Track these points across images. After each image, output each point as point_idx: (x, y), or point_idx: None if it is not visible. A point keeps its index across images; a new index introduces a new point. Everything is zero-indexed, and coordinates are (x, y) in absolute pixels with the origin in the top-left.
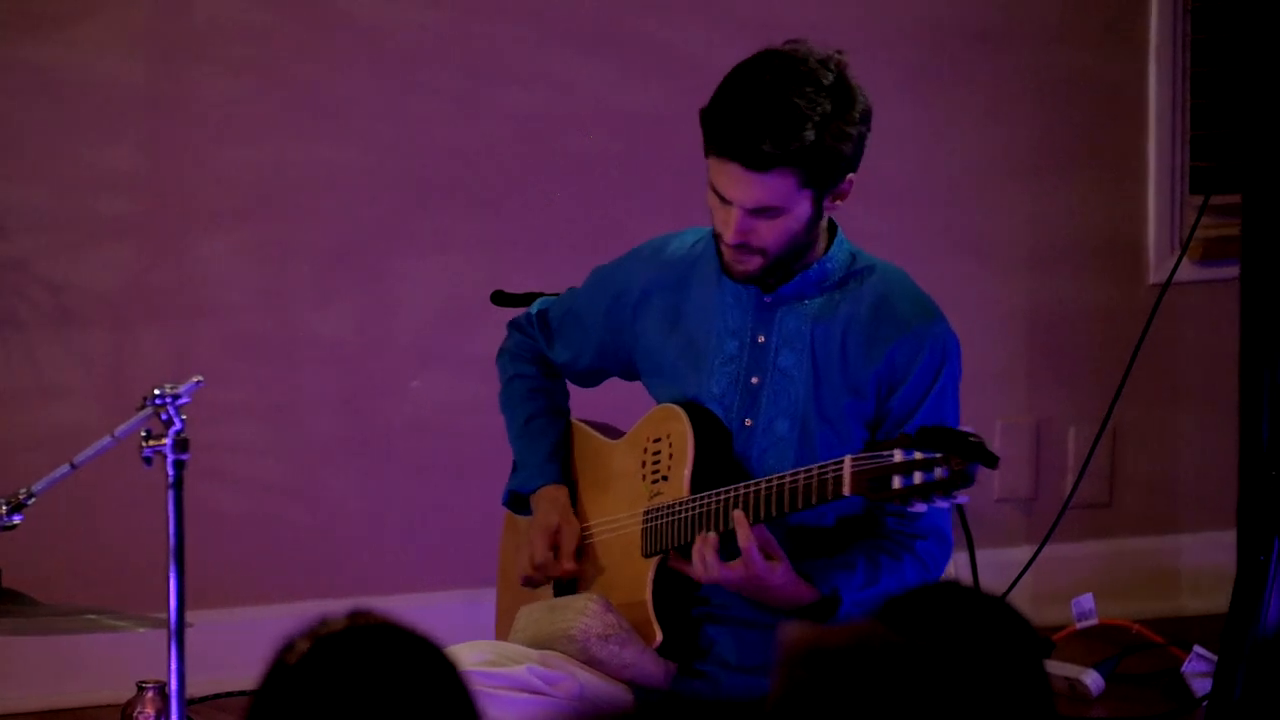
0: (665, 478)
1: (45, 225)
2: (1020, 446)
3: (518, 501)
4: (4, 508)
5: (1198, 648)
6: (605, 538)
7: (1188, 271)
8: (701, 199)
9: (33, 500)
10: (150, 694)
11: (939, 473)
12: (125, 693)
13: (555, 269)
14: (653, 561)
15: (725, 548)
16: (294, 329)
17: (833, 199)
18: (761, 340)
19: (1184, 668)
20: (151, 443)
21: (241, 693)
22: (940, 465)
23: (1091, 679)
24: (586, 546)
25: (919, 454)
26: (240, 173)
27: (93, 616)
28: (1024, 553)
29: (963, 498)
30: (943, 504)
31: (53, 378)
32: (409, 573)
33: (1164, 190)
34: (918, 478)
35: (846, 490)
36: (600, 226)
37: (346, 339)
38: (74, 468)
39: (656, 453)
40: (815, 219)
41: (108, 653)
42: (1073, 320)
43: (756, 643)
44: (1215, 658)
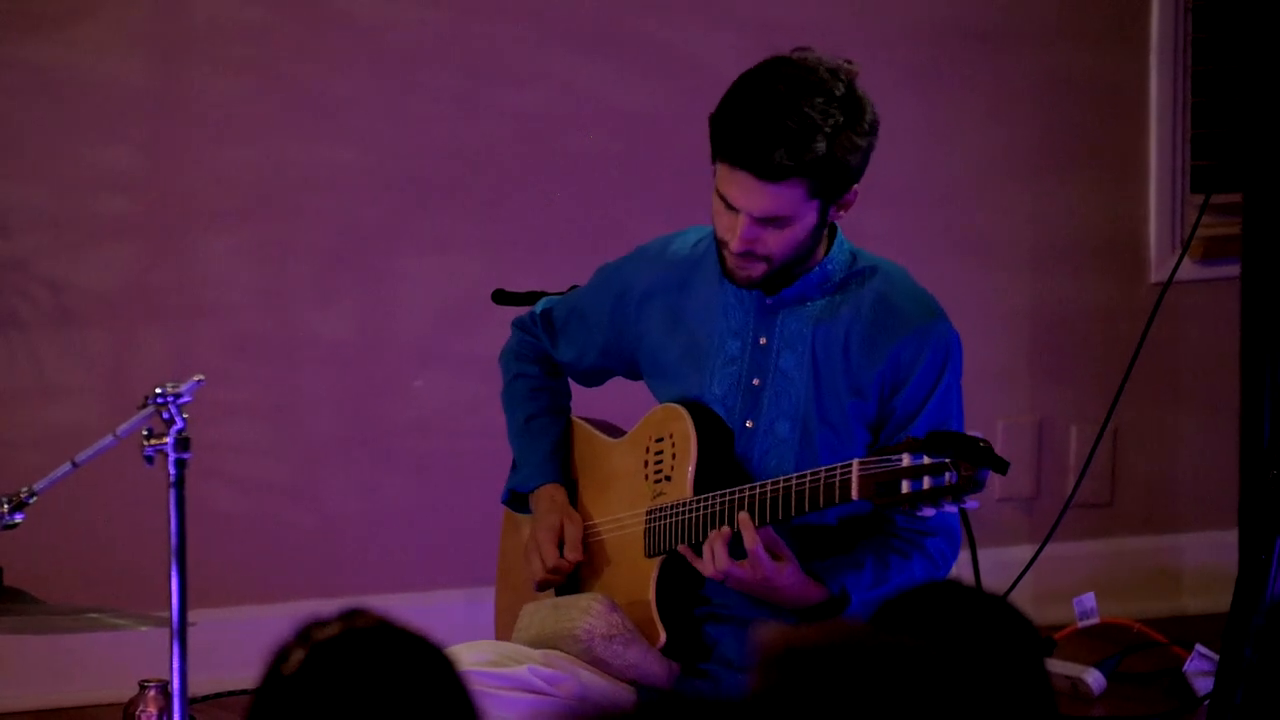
0: (668, 477)
1: (46, 225)
2: (1021, 446)
3: (517, 500)
4: (6, 506)
5: (1199, 647)
6: (607, 537)
7: (1189, 271)
8: (702, 199)
9: (34, 499)
10: (152, 693)
11: (948, 478)
12: (127, 691)
13: (555, 269)
14: (656, 561)
15: (732, 550)
16: (294, 329)
17: (838, 209)
18: (763, 342)
19: (1186, 667)
20: (153, 441)
21: (243, 691)
22: (949, 470)
23: (1093, 678)
24: (589, 546)
25: (927, 458)
26: (240, 173)
27: (94, 615)
28: (1025, 552)
29: (972, 503)
30: (951, 509)
31: (54, 377)
32: (409, 573)
33: (1165, 189)
34: (926, 482)
35: (854, 494)
36: (600, 226)
37: (346, 339)
38: (75, 466)
39: (659, 452)
40: (820, 227)
41: (109, 651)
42: (1074, 320)
43: None
44: (1217, 657)
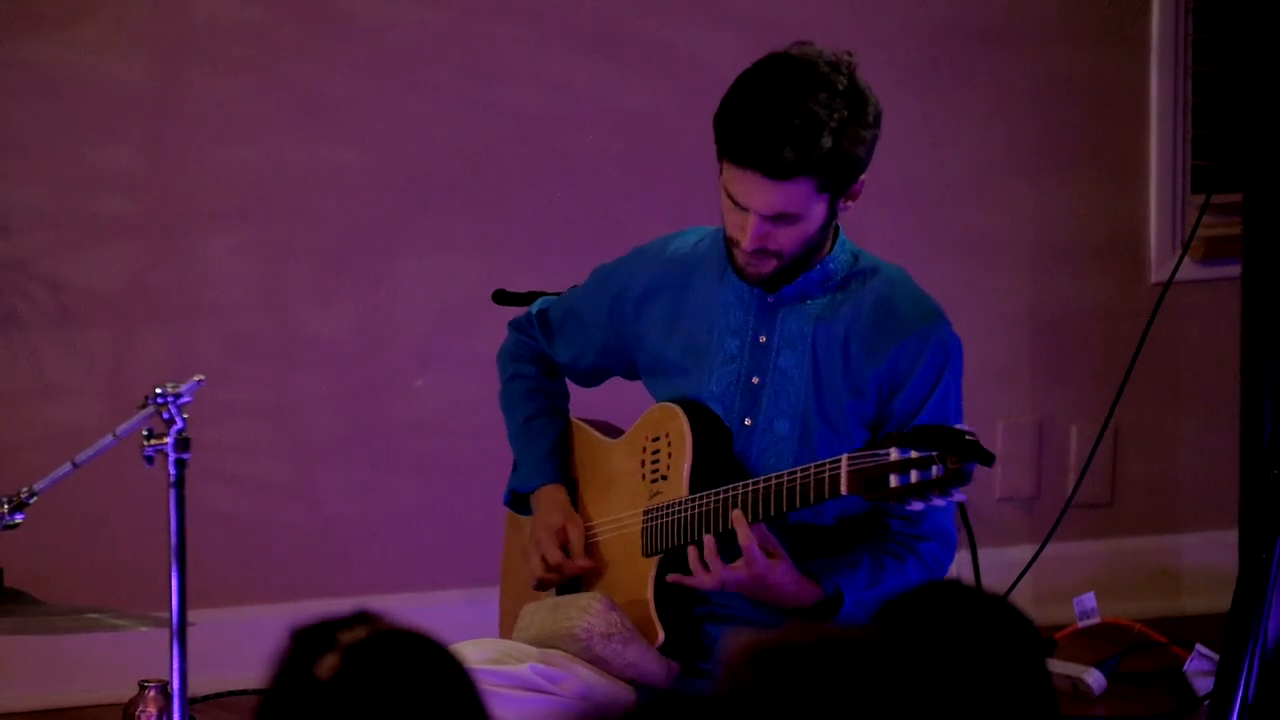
0: (664, 476)
1: (46, 225)
2: (1022, 446)
3: (518, 501)
4: (6, 507)
5: (1200, 647)
6: (607, 537)
7: (1189, 271)
8: (701, 199)
9: (34, 499)
10: (152, 693)
11: (935, 471)
12: (127, 692)
13: (555, 269)
14: (654, 561)
15: (726, 548)
16: (294, 329)
17: (846, 200)
18: (763, 340)
19: (1186, 667)
20: (153, 442)
21: (243, 691)
22: (936, 463)
23: (1093, 678)
24: (589, 546)
25: (915, 452)
26: (240, 173)
27: (94, 615)
28: (1026, 552)
29: (960, 496)
30: (939, 502)
31: (54, 377)
32: (409, 573)
33: (1165, 189)
34: (914, 476)
35: (843, 489)
36: (600, 226)
37: (346, 339)
38: (75, 467)
39: (655, 451)
40: (829, 221)
41: (109, 652)
42: (1074, 320)
43: None
44: (1217, 657)
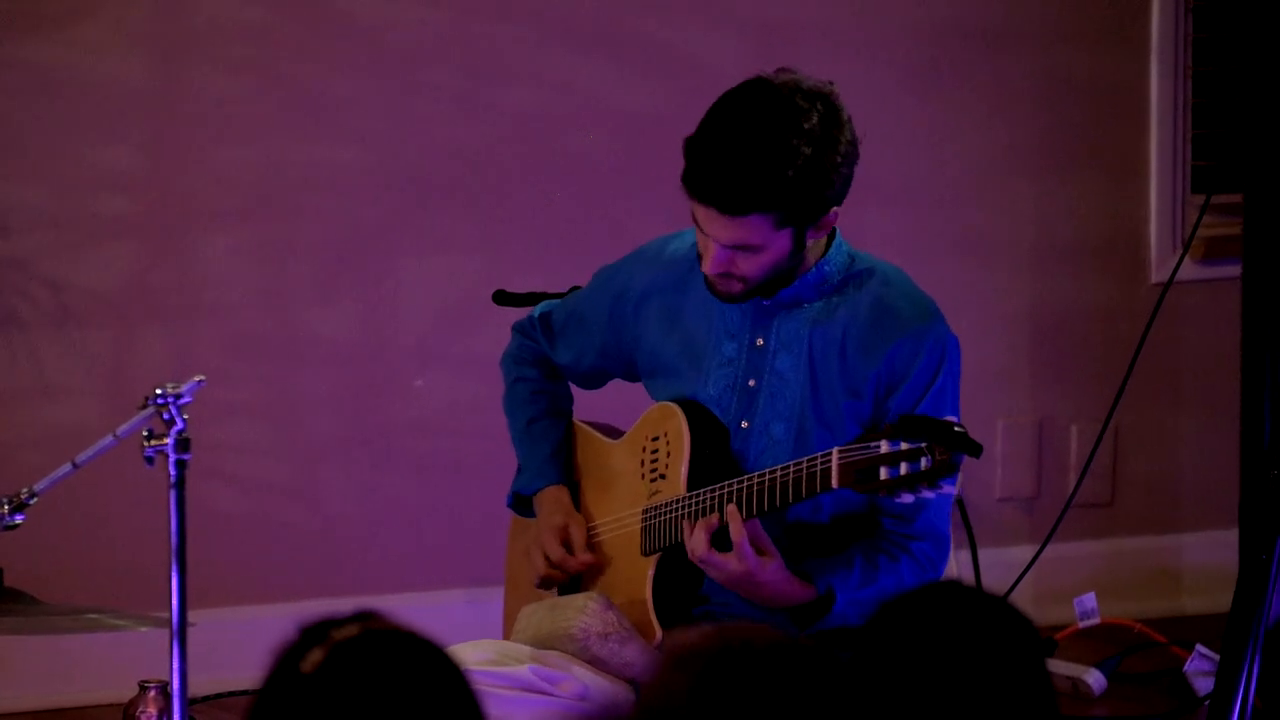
0: (663, 476)
1: (46, 225)
2: (1022, 446)
3: (521, 503)
4: (6, 507)
5: (1200, 647)
6: (607, 536)
7: (1189, 271)
8: None
9: (34, 500)
10: (152, 693)
11: (924, 463)
12: (127, 692)
13: (555, 269)
14: (652, 560)
15: (720, 544)
16: (294, 329)
17: (815, 230)
18: (760, 343)
19: (1186, 667)
20: (153, 442)
21: (243, 692)
22: (924, 455)
23: (1094, 678)
24: (591, 545)
25: (904, 444)
26: (240, 173)
27: (94, 616)
28: (1026, 552)
29: (949, 488)
30: (929, 495)
31: (54, 377)
32: (409, 573)
33: (1165, 189)
34: (903, 469)
35: (834, 482)
36: (600, 226)
37: (346, 339)
38: (76, 467)
39: (654, 451)
40: (797, 250)
41: (109, 652)
42: (1074, 320)
43: None
44: (1217, 657)
